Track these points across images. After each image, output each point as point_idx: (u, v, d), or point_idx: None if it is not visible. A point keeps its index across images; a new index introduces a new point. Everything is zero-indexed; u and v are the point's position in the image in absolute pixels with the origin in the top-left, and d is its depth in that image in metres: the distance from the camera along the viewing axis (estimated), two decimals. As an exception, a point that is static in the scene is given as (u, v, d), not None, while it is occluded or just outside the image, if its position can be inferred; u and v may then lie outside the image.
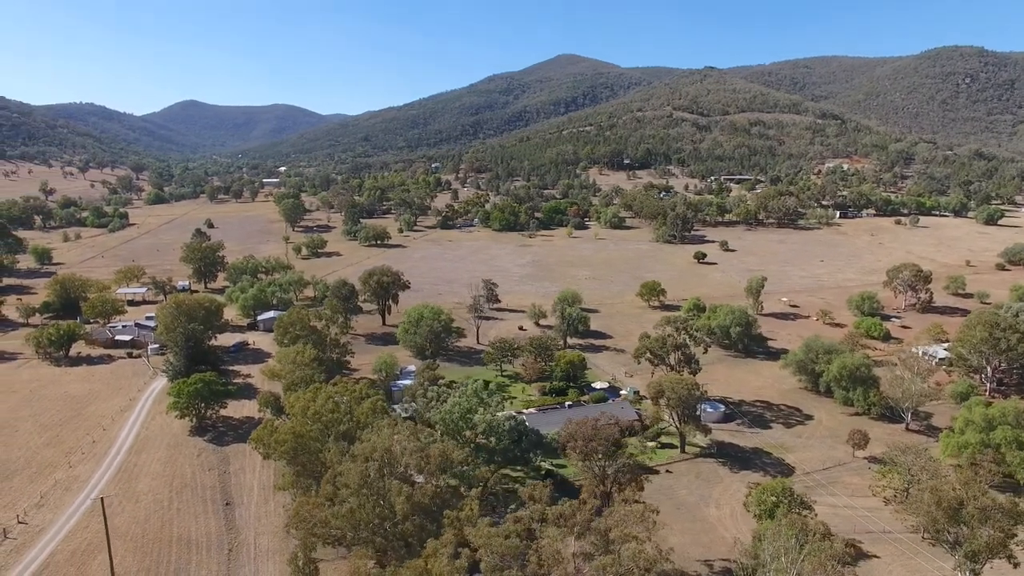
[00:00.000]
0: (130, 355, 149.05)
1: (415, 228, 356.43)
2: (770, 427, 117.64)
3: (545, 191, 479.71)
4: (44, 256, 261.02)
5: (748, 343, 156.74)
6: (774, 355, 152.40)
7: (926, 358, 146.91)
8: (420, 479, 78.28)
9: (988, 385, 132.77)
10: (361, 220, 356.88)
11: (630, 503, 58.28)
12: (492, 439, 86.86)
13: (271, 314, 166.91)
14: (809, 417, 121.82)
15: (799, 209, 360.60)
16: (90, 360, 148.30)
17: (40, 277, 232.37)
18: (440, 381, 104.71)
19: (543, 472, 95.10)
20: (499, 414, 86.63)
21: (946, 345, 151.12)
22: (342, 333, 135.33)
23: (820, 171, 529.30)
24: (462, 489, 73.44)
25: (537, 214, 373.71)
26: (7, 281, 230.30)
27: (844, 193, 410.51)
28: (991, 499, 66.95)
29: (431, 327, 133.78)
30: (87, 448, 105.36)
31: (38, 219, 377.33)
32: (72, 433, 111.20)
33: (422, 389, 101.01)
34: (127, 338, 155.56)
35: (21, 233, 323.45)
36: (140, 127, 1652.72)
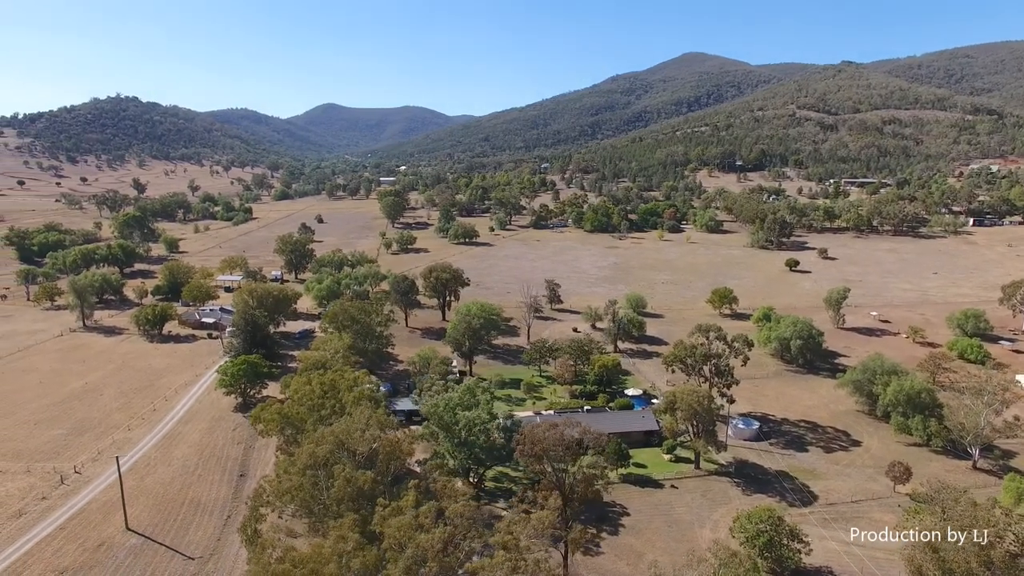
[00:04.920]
0: (210, 336, 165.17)
1: (508, 227, 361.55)
2: (807, 450, 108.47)
3: (649, 192, 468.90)
4: (172, 245, 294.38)
5: (811, 358, 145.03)
6: (839, 373, 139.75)
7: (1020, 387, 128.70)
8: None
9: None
10: (457, 218, 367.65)
11: (554, 510, 57.00)
12: (481, 437, 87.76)
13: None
14: (856, 443, 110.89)
15: (923, 215, 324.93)
16: (177, 339, 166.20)
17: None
18: (450, 377, 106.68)
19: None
20: (484, 414, 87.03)
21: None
22: (385, 325, 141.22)
23: (962, 173, 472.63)
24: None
25: (631, 216, 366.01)
26: (138, 266, 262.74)
27: (983, 198, 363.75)
28: (997, 556, 58.00)
29: (469, 323, 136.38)
30: (147, 414, 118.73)
31: (180, 212, 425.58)
32: (141, 400, 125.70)
33: (428, 383, 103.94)
34: (210, 320, 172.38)
35: (163, 224, 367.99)
36: (284, 129, 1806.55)
